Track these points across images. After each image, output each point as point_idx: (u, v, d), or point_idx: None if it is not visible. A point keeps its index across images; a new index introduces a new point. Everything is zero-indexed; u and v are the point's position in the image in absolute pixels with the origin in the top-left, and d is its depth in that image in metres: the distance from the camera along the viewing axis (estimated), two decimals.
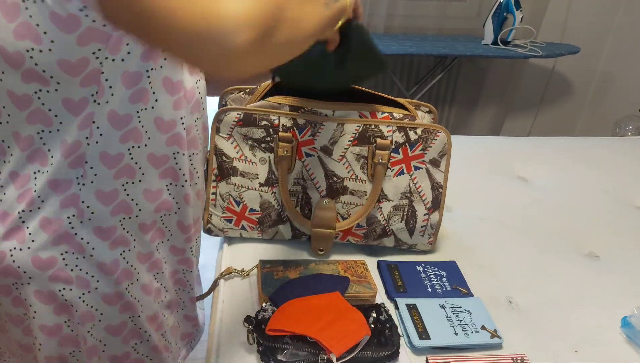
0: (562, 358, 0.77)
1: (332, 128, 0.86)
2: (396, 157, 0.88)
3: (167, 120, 0.61)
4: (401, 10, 2.45)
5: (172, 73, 0.59)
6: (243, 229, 0.93)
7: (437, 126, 0.88)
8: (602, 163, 1.44)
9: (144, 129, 0.60)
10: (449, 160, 0.91)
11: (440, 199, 0.92)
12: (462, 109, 2.86)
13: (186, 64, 0.62)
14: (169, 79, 0.60)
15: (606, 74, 2.82)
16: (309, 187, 0.90)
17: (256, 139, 0.87)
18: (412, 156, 0.88)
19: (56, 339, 0.65)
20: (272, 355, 0.68)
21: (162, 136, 0.62)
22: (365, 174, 0.88)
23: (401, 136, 0.87)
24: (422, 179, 0.90)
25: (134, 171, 0.61)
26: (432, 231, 0.94)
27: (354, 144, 0.87)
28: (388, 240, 0.94)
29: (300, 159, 0.88)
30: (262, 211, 0.91)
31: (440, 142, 0.88)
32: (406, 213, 0.91)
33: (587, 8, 2.62)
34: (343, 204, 0.90)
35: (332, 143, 0.87)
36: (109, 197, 0.60)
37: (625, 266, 1.00)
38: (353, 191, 0.89)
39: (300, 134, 0.86)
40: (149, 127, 0.60)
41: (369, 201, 0.89)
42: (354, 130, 0.86)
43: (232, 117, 0.86)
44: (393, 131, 0.87)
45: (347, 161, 0.88)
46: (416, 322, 0.78)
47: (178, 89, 0.61)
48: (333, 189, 0.89)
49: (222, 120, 0.87)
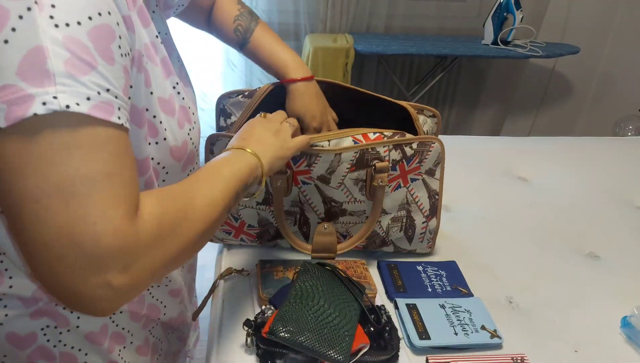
0: (562, 358, 0.77)
1: (329, 159, 0.82)
2: (393, 174, 0.86)
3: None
4: (401, 10, 2.45)
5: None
6: (242, 241, 0.92)
7: (430, 137, 0.86)
8: (602, 163, 1.44)
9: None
10: (443, 167, 0.90)
11: (437, 206, 0.91)
12: (462, 109, 2.86)
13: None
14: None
15: (606, 74, 2.82)
16: (306, 210, 0.88)
17: None
18: (409, 170, 0.86)
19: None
20: (272, 358, 0.68)
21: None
22: (363, 195, 0.86)
23: (398, 153, 0.84)
24: (419, 190, 0.89)
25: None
26: (430, 236, 0.93)
27: (352, 171, 0.84)
28: (388, 248, 0.93)
29: (296, 186, 0.85)
30: (260, 227, 0.90)
31: (435, 152, 0.87)
32: (404, 223, 0.90)
33: (587, 8, 2.62)
34: (342, 224, 0.89)
35: (329, 173, 0.83)
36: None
37: (625, 266, 1.00)
38: (352, 212, 0.88)
39: (296, 164, 0.82)
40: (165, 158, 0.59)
41: (369, 223, 0.87)
42: (351, 157, 0.82)
43: (224, 143, 0.82)
44: (389, 149, 0.84)
45: (346, 186, 0.85)
46: (416, 321, 0.78)
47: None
48: (331, 213, 0.88)
49: (215, 144, 0.84)
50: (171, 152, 0.56)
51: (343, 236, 0.91)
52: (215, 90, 2.43)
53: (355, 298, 0.75)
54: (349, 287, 0.76)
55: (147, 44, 0.52)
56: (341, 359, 0.65)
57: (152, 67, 0.52)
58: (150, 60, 0.52)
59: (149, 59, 0.52)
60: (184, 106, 0.59)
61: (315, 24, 2.37)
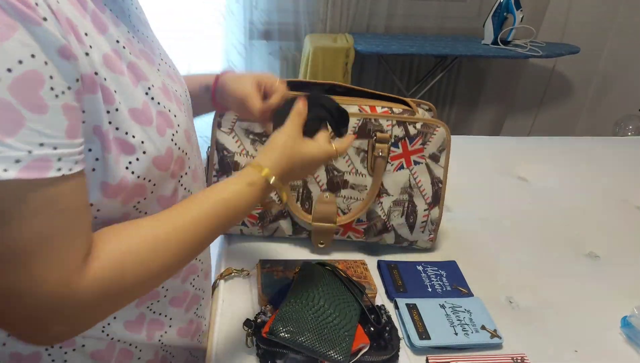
0: (562, 358, 0.77)
1: None
2: (396, 151, 0.88)
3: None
4: (401, 10, 2.45)
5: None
6: (244, 225, 0.93)
7: (436, 120, 0.89)
8: (602, 163, 1.44)
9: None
10: (448, 155, 0.91)
11: (440, 194, 0.92)
12: (462, 109, 2.86)
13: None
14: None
15: (606, 74, 2.82)
16: (309, 181, 0.90)
17: (257, 133, 0.87)
18: (411, 150, 0.89)
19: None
20: (272, 358, 0.68)
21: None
22: (365, 168, 0.89)
23: (401, 130, 0.88)
24: (422, 174, 0.90)
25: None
26: (432, 227, 0.94)
27: (355, 138, 0.88)
28: (388, 236, 0.94)
29: None
30: (262, 207, 0.91)
31: (440, 137, 0.89)
32: (406, 208, 0.91)
33: (587, 8, 2.62)
34: (343, 198, 0.90)
35: (332, 137, 0.86)
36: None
37: (625, 266, 1.00)
38: (353, 185, 0.89)
39: None
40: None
41: (369, 195, 0.89)
42: (354, 123, 0.87)
43: (233, 114, 0.86)
44: (392, 125, 0.87)
45: (348, 154, 0.88)
46: (416, 321, 0.78)
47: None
48: (333, 183, 0.89)
49: (223, 115, 0.87)
50: (155, 164, 0.52)
51: (344, 213, 0.92)
52: None
53: (355, 298, 0.75)
54: (349, 287, 0.76)
55: (107, 53, 0.47)
56: (341, 359, 0.65)
57: (116, 78, 0.48)
58: (114, 70, 0.48)
59: (113, 70, 0.48)
60: (162, 111, 0.54)
61: (315, 24, 2.37)
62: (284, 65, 2.45)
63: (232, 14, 2.27)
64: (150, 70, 0.55)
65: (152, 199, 0.54)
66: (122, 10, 0.55)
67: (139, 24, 0.59)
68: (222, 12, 2.26)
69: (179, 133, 0.56)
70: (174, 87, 0.60)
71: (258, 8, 2.29)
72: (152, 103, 0.53)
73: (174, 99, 0.58)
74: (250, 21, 2.31)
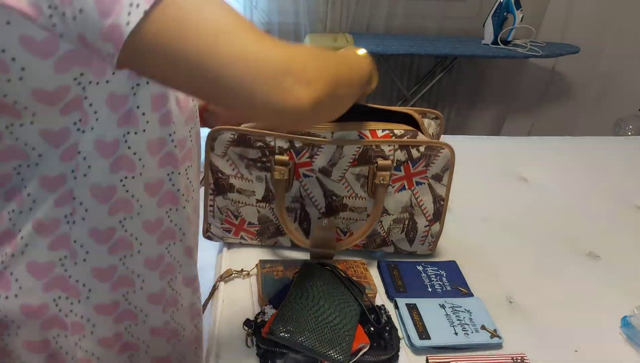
0: (562, 358, 0.77)
1: (331, 151, 0.82)
2: (397, 174, 0.85)
3: (156, 140, 0.55)
4: (401, 10, 2.45)
5: (158, 87, 0.53)
6: (242, 239, 0.92)
7: (440, 142, 0.84)
8: (602, 163, 1.44)
9: (137, 157, 0.53)
10: (451, 174, 0.87)
11: (442, 211, 0.90)
12: (462, 109, 2.86)
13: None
14: (156, 94, 0.53)
15: (606, 74, 2.82)
16: (307, 204, 0.88)
17: (252, 158, 0.84)
18: (414, 172, 0.85)
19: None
20: (272, 358, 0.68)
21: (154, 159, 0.55)
22: (365, 192, 0.86)
23: (403, 155, 0.83)
24: (424, 194, 0.88)
25: (131, 204, 0.55)
26: (432, 240, 0.93)
27: (354, 165, 0.83)
28: (388, 248, 0.93)
29: (297, 179, 0.85)
30: (260, 225, 0.90)
31: (444, 158, 0.85)
32: (406, 225, 0.90)
33: (587, 8, 2.62)
34: (342, 219, 0.89)
35: (331, 165, 0.83)
36: (105, 235, 0.55)
37: (625, 266, 1.00)
38: (353, 208, 0.87)
39: (298, 156, 0.82)
40: (141, 152, 0.54)
41: (370, 221, 0.86)
42: (353, 152, 0.82)
43: (226, 137, 0.82)
44: (395, 149, 0.83)
45: (347, 181, 0.85)
46: (416, 321, 0.78)
47: (164, 102, 0.54)
48: (332, 207, 0.87)
49: (216, 138, 0.83)
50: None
51: (343, 233, 0.91)
52: None
53: (355, 298, 0.75)
54: (349, 287, 0.76)
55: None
56: (341, 359, 0.65)
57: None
58: None
59: None
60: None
61: (315, 24, 2.37)
62: None
63: None
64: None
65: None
66: None
67: None
68: None
69: (196, 125, 0.64)
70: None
71: (258, 8, 2.29)
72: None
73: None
74: (250, 21, 2.31)
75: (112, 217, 0.54)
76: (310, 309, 0.70)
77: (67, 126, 0.48)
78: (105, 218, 0.54)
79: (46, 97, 0.45)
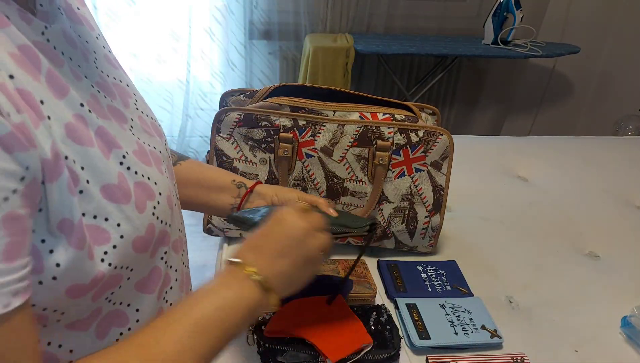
0: (562, 358, 0.77)
1: (332, 129, 0.86)
2: (397, 159, 0.88)
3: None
4: (401, 10, 2.45)
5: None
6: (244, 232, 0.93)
7: (439, 128, 0.88)
8: (602, 163, 1.44)
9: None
10: (451, 163, 0.90)
11: (442, 202, 0.91)
12: (462, 109, 2.86)
13: None
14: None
15: (606, 74, 2.82)
16: (309, 188, 0.89)
17: (256, 139, 0.87)
18: (413, 158, 0.88)
19: None
20: (272, 356, 0.68)
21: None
22: (365, 175, 0.88)
23: (402, 138, 0.87)
24: (423, 182, 0.90)
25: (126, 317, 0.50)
26: (432, 234, 0.93)
27: (355, 146, 0.87)
28: (389, 242, 0.93)
29: (300, 160, 0.87)
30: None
31: (442, 144, 0.88)
32: (407, 215, 0.91)
33: (587, 8, 2.62)
34: (343, 205, 0.90)
35: (332, 144, 0.86)
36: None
37: (625, 266, 1.00)
38: (353, 193, 0.89)
39: (301, 134, 0.86)
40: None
41: (369, 203, 0.89)
42: (354, 131, 0.86)
43: (233, 118, 0.86)
44: (394, 132, 0.86)
45: (348, 162, 0.87)
46: (416, 321, 0.78)
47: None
48: (333, 190, 0.89)
49: (222, 120, 0.87)
50: (134, 247, 0.45)
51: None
52: (214, 90, 2.43)
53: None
54: None
55: (70, 122, 0.40)
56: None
57: (83, 152, 0.40)
58: (81, 141, 0.40)
59: (79, 142, 0.40)
60: (141, 182, 0.47)
61: (315, 24, 2.37)
62: (284, 65, 2.45)
63: (232, 14, 2.27)
64: (123, 133, 0.48)
65: (129, 286, 0.48)
66: (84, 56, 0.48)
67: (106, 66, 0.52)
68: (222, 12, 2.26)
69: (161, 203, 0.49)
70: (152, 144, 0.53)
71: (258, 8, 2.29)
72: (129, 174, 0.46)
73: (152, 161, 0.50)
74: (250, 21, 2.31)
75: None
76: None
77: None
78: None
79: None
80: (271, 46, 2.41)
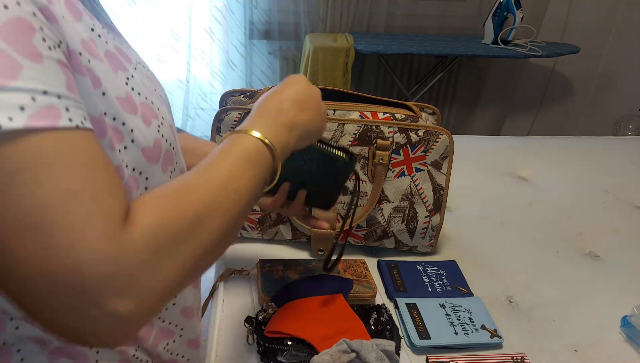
0: (562, 358, 0.77)
1: (332, 128, 0.86)
2: (397, 158, 0.88)
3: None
4: (401, 10, 2.45)
5: None
6: (243, 229, 0.93)
7: (439, 128, 0.88)
8: (602, 163, 1.44)
9: None
10: (451, 163, 0.90)
11: (442, 201, 0.91)
12: (462, 109, 2.86)
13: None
14: None
15: (606, 74, 2.82)
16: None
17: None
18: (413, 157, 0.88)
19: None
20: (272, 355, 0.68)
21: None
22: (365, 175, 0.88)
23: (402, 138, 0.87)
24: (424, 181, 0.90)
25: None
26: (432, 234, 0.93)
27: (355, 145, 0.87)
28: (388, 242, 0.94)
29: None
30: (262, 211, 0.91)
31: (443, 144, 0.88)
32: (407, 214, 0.91)
33: (587, 8, 2.62)
34: (343, 204, 0.90)
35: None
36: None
37: (625, 266, 1.00)
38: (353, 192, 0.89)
39: None
40: None
41: (369, 202, 0.89)
42: (354, 130, 0.86)
43: (233, 117, 0.86)
44: (394, 132, 0.87)
45: None
46: (416, 321, 0.78)
47: None
48: None
49: (222, 120, 0.87)
50: (144, 154, 0.47)
51: (343, 219, 0.91)
52: (215, 90, 2.44)
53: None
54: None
55: (84, 39, 0.42)
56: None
57: (97, 64, 0.43)
58: (93, 56, 0.43)
59: (92, 55, 0.43)
60: (145, 103, 0.49)
61: (315, 24, 2.37)
62: (284, 65, 2.45)
63: (232, 14, 2.27)
64: (128, 65, 0.50)
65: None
66: (96, 12, 0.51)
67: (113, 29, 0.54)
68: (222, 12, 2.26)
69: (165, 125, 0.51)
70: (154, 86, 0.55)
71: (258, 7, 2.29)
72: (134, 93, 0.48)
73: (155, 95, 0.53)
74: (251, 21, 2.31)
75: None
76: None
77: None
78: None
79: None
80: (271, 45, 2.41)
